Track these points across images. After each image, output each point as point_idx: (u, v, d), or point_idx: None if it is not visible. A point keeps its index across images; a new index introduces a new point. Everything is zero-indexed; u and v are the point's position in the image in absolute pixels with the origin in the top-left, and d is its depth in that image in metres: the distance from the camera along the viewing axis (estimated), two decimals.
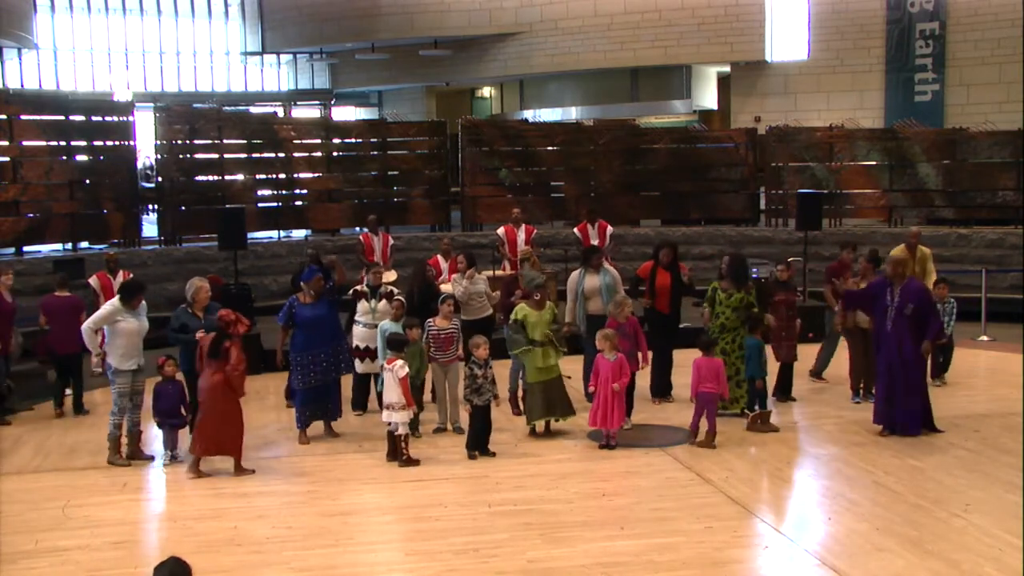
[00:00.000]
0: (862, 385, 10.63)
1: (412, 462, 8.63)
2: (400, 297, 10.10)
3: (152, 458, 8.98)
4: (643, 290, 10.74)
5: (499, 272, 13.63)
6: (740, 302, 10.04)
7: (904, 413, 9.27)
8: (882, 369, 9.40)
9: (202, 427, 8.47)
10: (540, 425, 9.56)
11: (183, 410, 9.06)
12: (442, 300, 9.84)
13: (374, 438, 9.49)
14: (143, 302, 9.16)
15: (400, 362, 8.73)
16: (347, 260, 15.65)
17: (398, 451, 8.69)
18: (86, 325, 9.00)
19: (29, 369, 11.79)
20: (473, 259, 11.17)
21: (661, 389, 10.82)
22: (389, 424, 8.77)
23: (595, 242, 14.08)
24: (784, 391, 10.71)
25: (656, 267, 10.78)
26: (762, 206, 19.65)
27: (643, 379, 10.58)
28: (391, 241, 15.20)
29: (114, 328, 8.85)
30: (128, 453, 8.94)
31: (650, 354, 10.21)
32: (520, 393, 10.35)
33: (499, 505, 7.65)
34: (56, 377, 11.00)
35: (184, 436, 9.00)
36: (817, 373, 11.56)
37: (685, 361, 11.21)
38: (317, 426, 9.64)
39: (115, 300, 9.06)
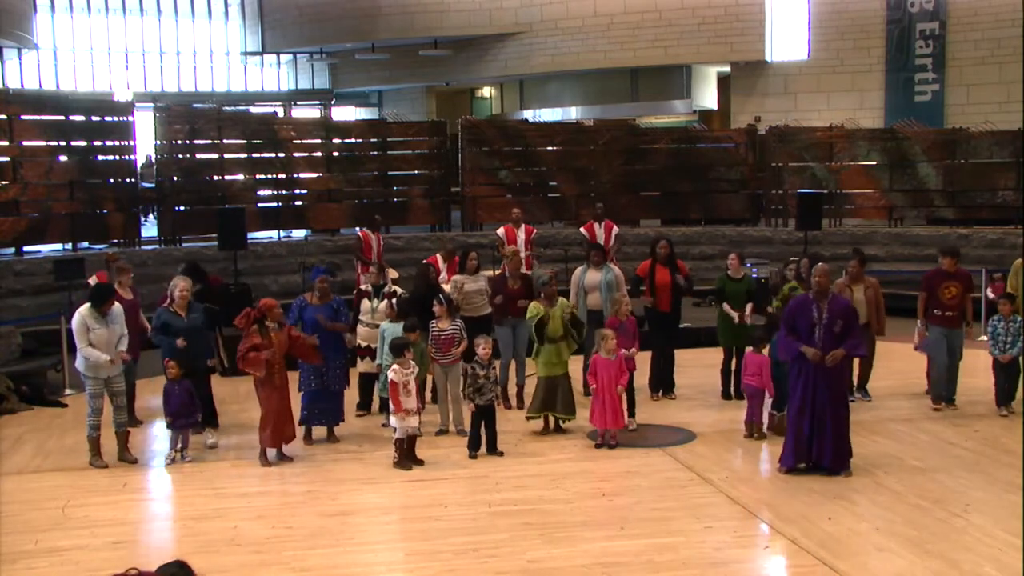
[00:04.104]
0: (855, 381, 10.67)
1: (403, 465, 8.59)
2: (392, 299, 10.06)
3: (135, 461, 8.90)
4: (644, 289, 10.76)
5: (498, 272, 13.63)
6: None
7: (822, 448, 8.21)
8: (806, 396, 8.26)
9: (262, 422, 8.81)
10: (541, 423, 9.58)
11: (194, 410, 9.01)
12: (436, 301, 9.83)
13: (375, 439, 9.50)
14: (117, 307, 8.97)
15: (395, 367, 8.69)
16: (347, 260, 15.71)
17: (403, 452, 8.68)
18: (80, 348, 8.72)
19: (32, 368, 11.81)
20: (466, 255, 11.18)
21: (660, 385, 10.87)
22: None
23: (601, 241, 14.15)
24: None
25: (654, 264, 10.81)
26: (762, 206, 19.66)
27: (642, 377, 10.62)
28: (381, 241, 15.15)
29: (87, 339, 8.68)
30: (117, 454, 8.88)
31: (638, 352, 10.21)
32: (514, 390, 10.56)
33: (499, 505, 7.65)
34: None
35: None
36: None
37: (688, 361, 11.26)
38: (320, 428, 9.62)
39: (84, 307, 8.82)
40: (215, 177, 17.81)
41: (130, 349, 9.67)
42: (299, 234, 18.67)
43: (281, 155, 18.04)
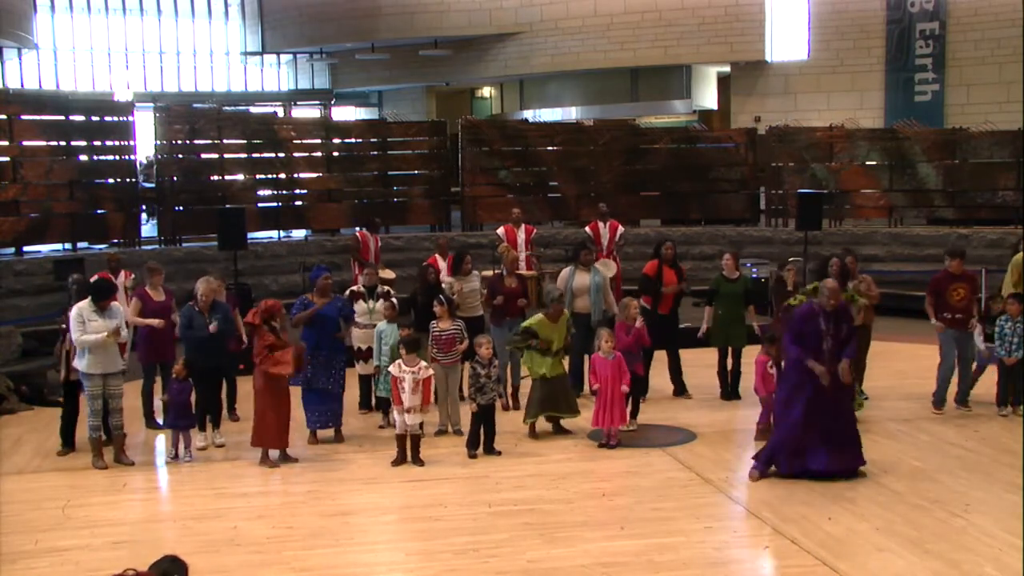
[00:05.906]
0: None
1: (400, 462, 8.60)
2: (392, 299, 10.05)
3: (132, 463, 8.85)
4: (666, 291, 10.65)
5: (495, 272, 13.61)
6: (850, 300, 9.96)
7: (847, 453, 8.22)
8: (817, 408, 8.12)
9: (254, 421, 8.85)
10: (539, 423, 9.53)
11: (192, 410, 9.03)
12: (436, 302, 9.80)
13: (375, 439, 9.51)
14: (116, 304, 8.95)
15: (398, 361, 8.70)
16: (346, 260, 15.69)
17: (402, 449, 8.68)
18: (76, 340, 8.65)
19: (32, 368, 11.80)
20: (462, 257, 11.12)
21: (677, 389, 10.91)
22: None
23: (606, 240, 14.13)
24: None
25: (661, 266, 10.76)
26: (762, 206, 19.66)
27: (661, 380, 10.74)
28: (379, 243, 15.18)
29: (83, 331, 8.62)
30: (114, 456, 8.84)
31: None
32: (510, 390, 10.51)
33: (499, 505, 7.65)
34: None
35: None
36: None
37: (688, 361, 11.25)
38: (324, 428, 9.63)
39: (83, 301, 8.77)
40: (215, 177, 17.81)
41: (162, 350, 9.93)
42: (299, 234, 18.67)
43: (281, 155, 18.03)
